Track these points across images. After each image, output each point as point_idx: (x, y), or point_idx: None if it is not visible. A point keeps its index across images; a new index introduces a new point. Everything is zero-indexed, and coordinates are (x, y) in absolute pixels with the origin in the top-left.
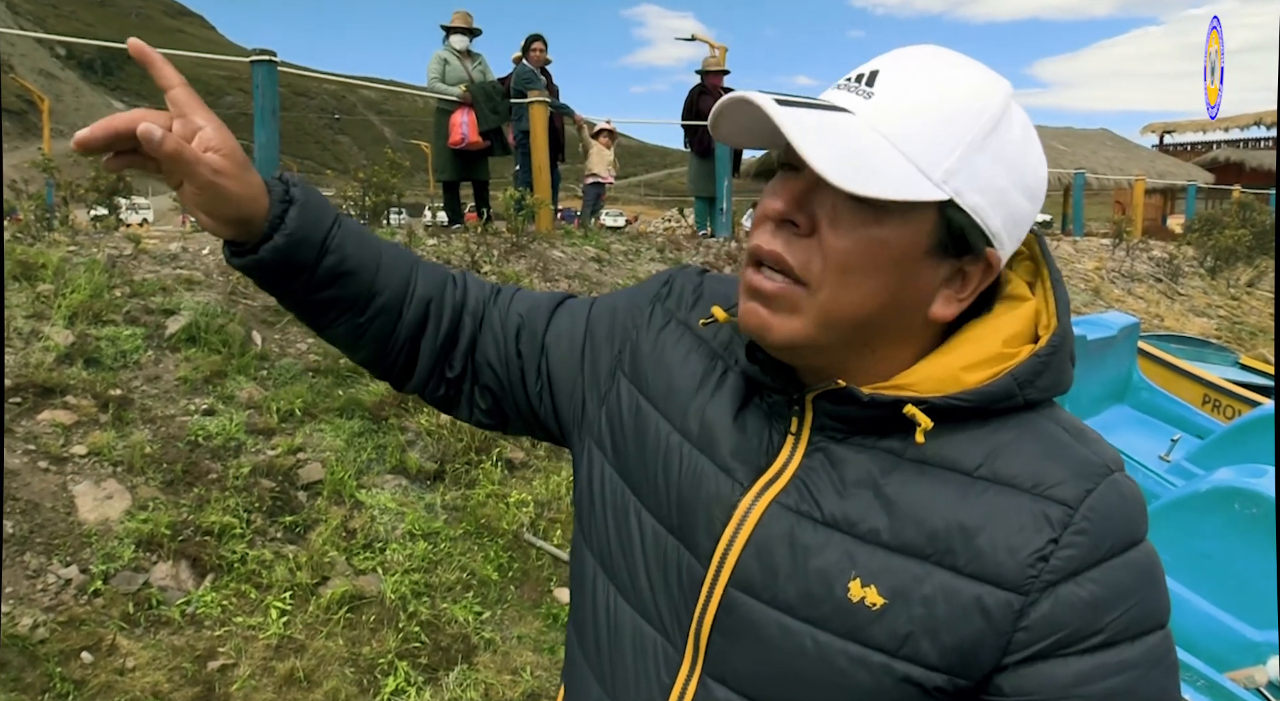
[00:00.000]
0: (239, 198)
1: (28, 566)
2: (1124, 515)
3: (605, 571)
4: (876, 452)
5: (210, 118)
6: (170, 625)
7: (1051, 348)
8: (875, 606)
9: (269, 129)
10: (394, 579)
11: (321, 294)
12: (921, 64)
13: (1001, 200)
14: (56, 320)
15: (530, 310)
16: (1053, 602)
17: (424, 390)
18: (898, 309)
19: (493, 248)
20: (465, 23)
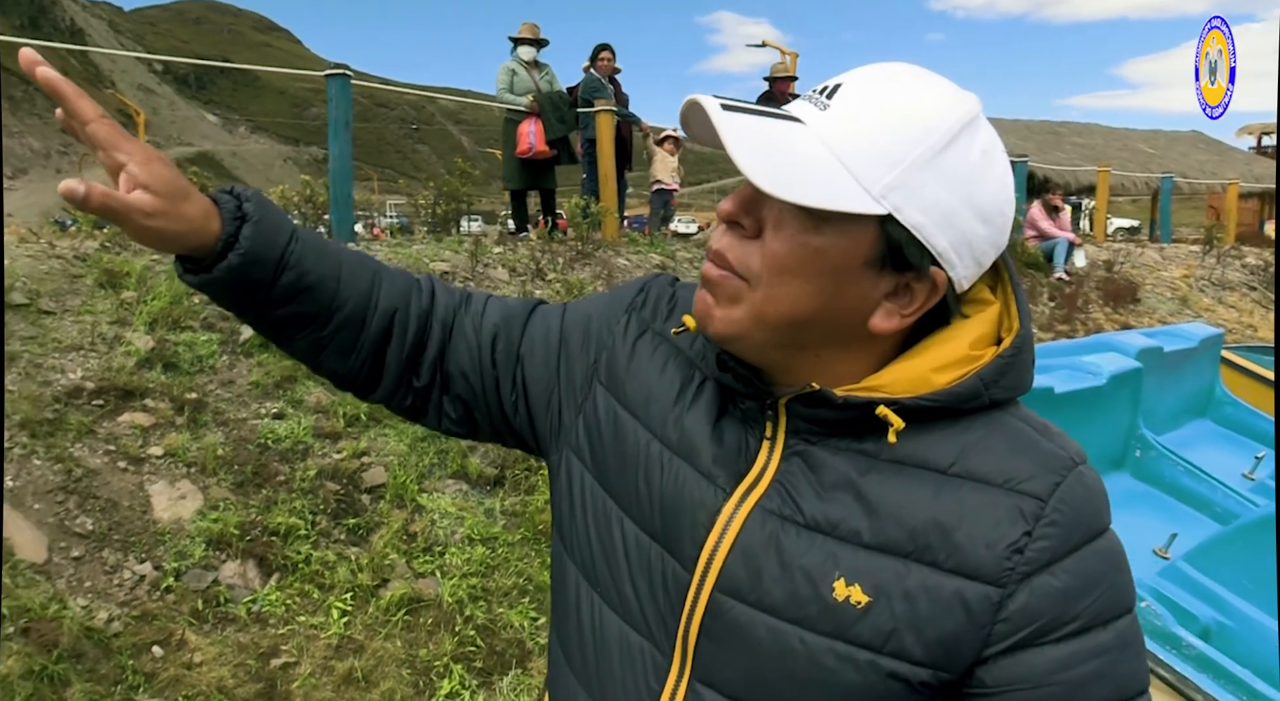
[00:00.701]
0: (177, 233)
1: (105, 562)
2: (1091, 505)
3: (588, 580)
4: (852, 454)
5: (135, 150)
6: (236, 622)
7: (1014, 349)
8: (860, 605)
9: (342, 140)
10: (452, 582)
11: (281, 311)
12: (883, 80)
13: (948, 221)
14: (138, 326)
15: (504, 319)
16: (1029, 593)
17: (390, 401)
18: (832, 316)
19: (558, 255)
20: (532, 34)
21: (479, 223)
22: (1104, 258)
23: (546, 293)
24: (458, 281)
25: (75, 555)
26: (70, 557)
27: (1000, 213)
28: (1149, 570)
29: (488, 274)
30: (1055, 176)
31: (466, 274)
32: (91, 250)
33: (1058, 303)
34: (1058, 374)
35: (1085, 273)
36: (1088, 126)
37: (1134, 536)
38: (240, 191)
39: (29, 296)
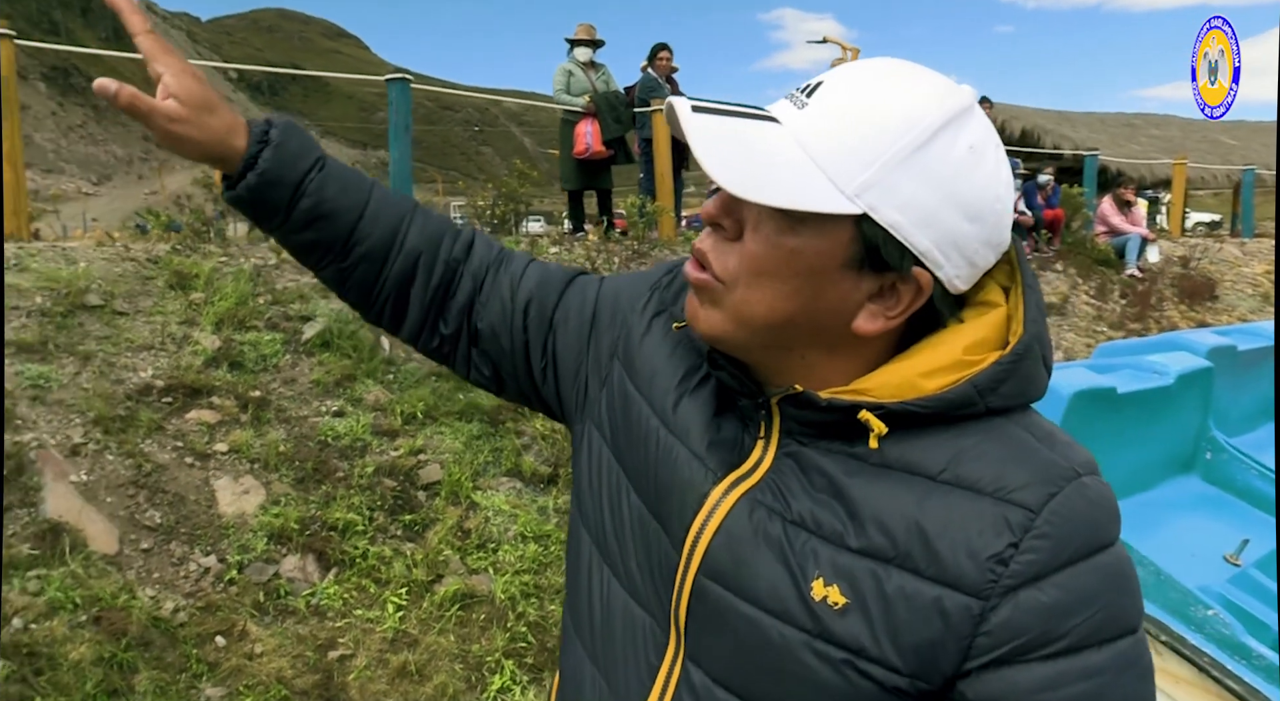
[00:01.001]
0: (199, 143)
1: (173, 554)
2: (1089, 519)
3: (600, 551)
4: (842, 457)
5: (172, 64)
6: (295, 614)
7: (1015, 355)
8: (837, 606)
9: (402, 143)
10: (504, 579)
11: (301, 235)
12: (864, 77)
13: (929, 219)
14: (205, 326)
15: (541, 284)
16: (1013, 608)
17: (417, 341)
18: (812, 318)
19: (614, 255)
20: (588, 35)
21: (541, 223)
22: (1180, 253)
23: None
24: None
25: (144, 547)
26: (140, 549)
27: (991, 210)
28: (1218, 577)
29: None
30: (1129, 170)
31: None
32: (163, 253)
33: (1129, 300)
34: (1121, 373)
35: (1159, 269)
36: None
37: (1203, 542)
38: (273, 120)
39: (104, 298)
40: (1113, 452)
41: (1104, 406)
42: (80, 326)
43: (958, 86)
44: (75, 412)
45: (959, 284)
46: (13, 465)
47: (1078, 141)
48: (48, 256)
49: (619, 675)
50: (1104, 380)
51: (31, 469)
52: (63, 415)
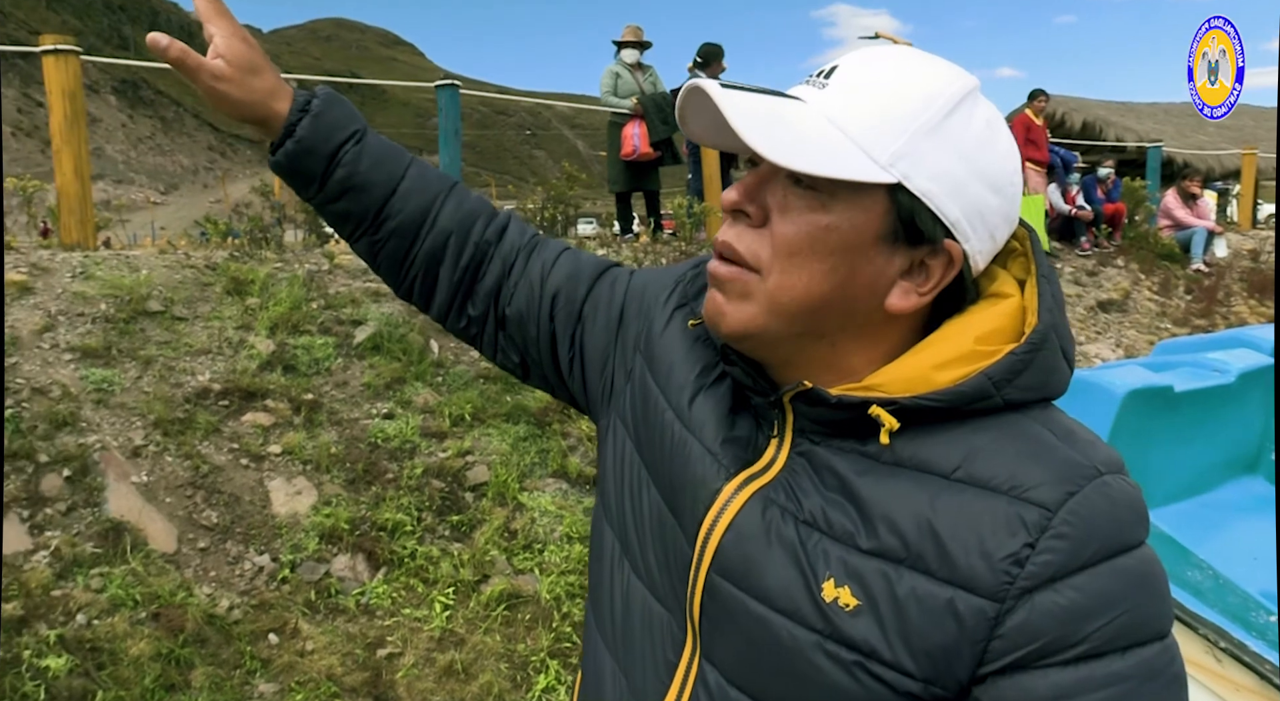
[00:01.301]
0: (240, 102)
1: (229, 554)
2: (1112, 519)
3: (621, 546)
4: (854, 456)
5: (224, 26)
6: (346, 613)
7: (1030, 346)
8: (849, 607)
9: (451, 148)
10: (550, 579)
11: (335, 205)
12: (880, 58)
13: (958, 189)
14: (260, 330)
15: (572, 275)
16: (1029, 610)
17: (445, 320)
18: (848, 297)
19: (662, 256)
20: (636, 37)
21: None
22: (1249, 246)
23: None
24: None
25: (201, 546)
26: (197, 548)
27: (1010, 182)
28: None
29: None
30: (1196, 161)
31: None
32: (221, 259)
33: (1195, 295)
34: (1180, 371)
35: (1227, 263)
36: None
37: (1266, 545)
38: (319, 89)
39: (164, 304)
40: (1170, 453)
41: (1160, 405)
42: (142, 332)
43: (964, 71)
44: (136, 415)
45: (979, 261)
46: (77, 466)
47: (1142, 133)
48: (112, 264)
49: (638, 671)
50: (1161, 378)
51: (95, 470)
52: (125, 418)
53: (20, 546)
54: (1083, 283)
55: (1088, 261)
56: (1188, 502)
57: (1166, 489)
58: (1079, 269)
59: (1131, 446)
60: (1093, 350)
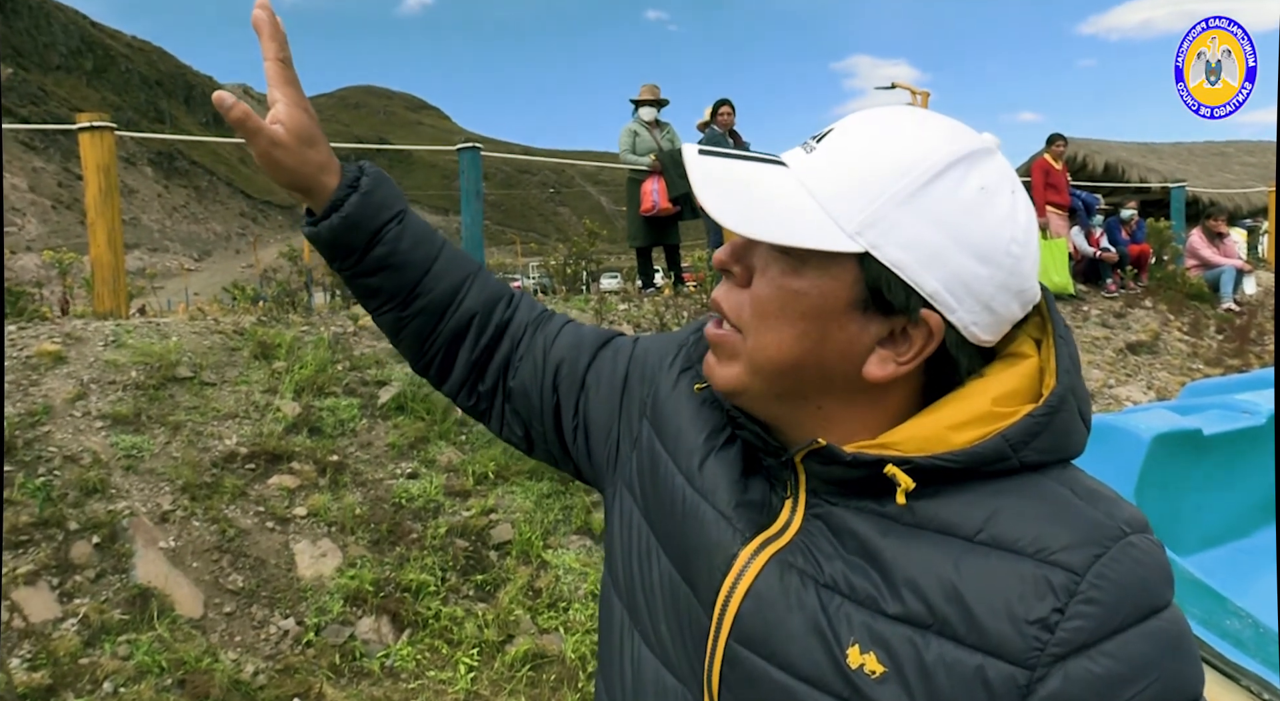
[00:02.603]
0: (292, 170)
1: (254, 617)
2: (1140, 581)
3: (631, 616)
4: (873, 516)
5: (290, 94)
6: (370, 676)
7: (1049, 408)
8: (875, 674)
9: (473, 208)
10: (575, 638)
11: (368, 280)
12: (872, 121)
13: (935, 259)
14: (286, 393)
15: (574, 346)
16: (1063, 679)
17: (456, 396)
18: (821, 362)
19: (683, 309)
20: (653, 95)
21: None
22: None
23: None
24: None
25: (227, 611)
26: (223, 613)
27: (1006, 253)
28: None
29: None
30: (1222, 200)
31: None
32: (249, 324)
33: (1227, 335)
34: (1209, 414)
35: (1259, 301)
36: (1259, 145)
37: None
38: (365, 167)
39: (193, 369)
40: (1200, 498)
41: (1189, 450)
42: (171, 398)
43: (976, 133)
44: (165, 480)
45: (979, 332)
46: (106, 533)
47: (1165, 173)
48: (143, 332)
49: None
50: (1188, 422)
51: (124, 536)
52: (153, 483)
53: (49, 614)
54: (1110, 325)
55: (1115, 303)
56: (1222, 549)
57: (1199, 535)
58: (1106, 311)
59: (1160, 492)
60: (1123, 393)
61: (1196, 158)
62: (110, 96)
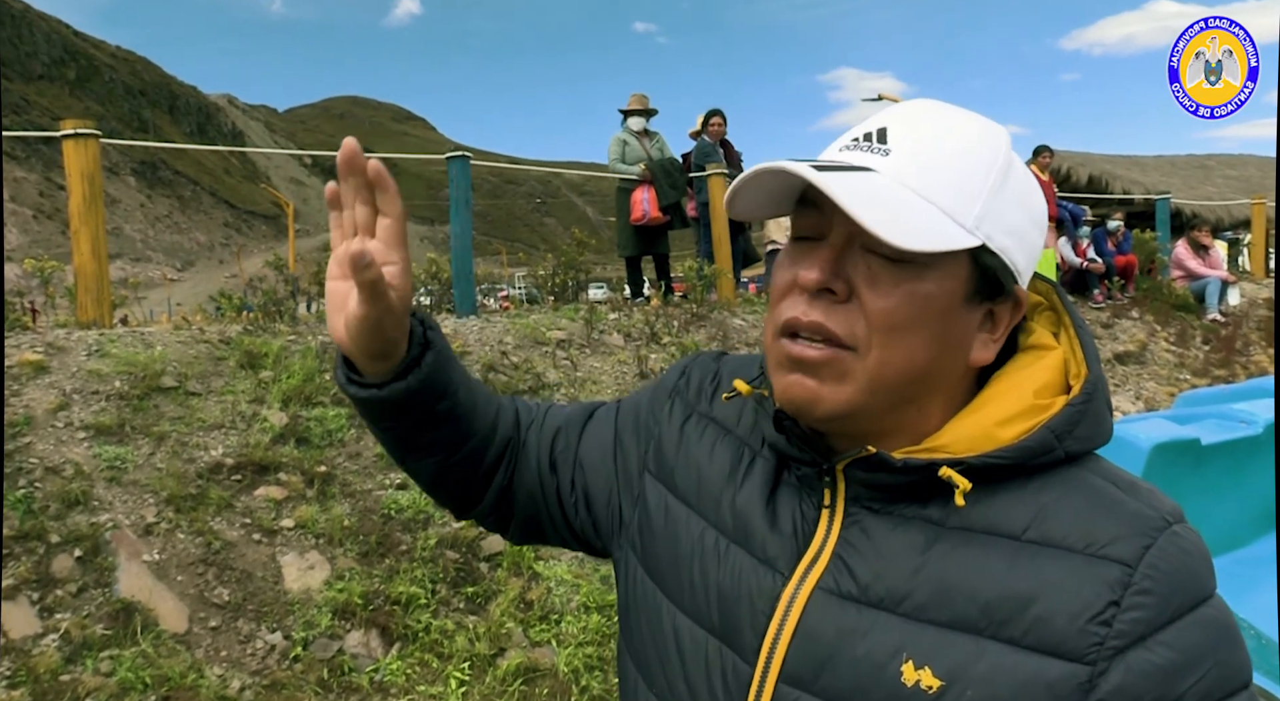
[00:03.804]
0: (392, 339)
1: (240, 632)
2: (1189, 570)
3: (645, 679)
4: (918, 522)
5: (404, 257)
6: (359, 691)
7: (1086, 395)
8: (931, 690)
9: (462, 218)
10: (568, 651)
11: (426, 434)
12: (927, 117)
13: (1023, 239)
14: (273, 403)
15: (561, 427)
16: (1124, 672)
17: (483, 520)
18: (943, 360)
19: (673, 319)
20: (641, 105)
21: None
22: (1265, 295)
23: (662, 356)
24: (574, 348)
25: (213, 625)
26: (208, 627)
27: (1045, 220)
28: None
29: (603, 340)
30: (1204, 212)
31: (582, 341)
32: (235, 334)
33: (1213, 346)
34: (1205, 423)
35: (1243, 312)
36: (1240, 157)
37: None
38: (424, 316)
39: (178, 379)
40: (1199, 508)
41: (1187, 459)
42: (155, 408)
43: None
44: (149, 492)
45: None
46: (89, 546)
47: (1148, 186)
48: (127, 341)
49: None
50: (1186, 431)
51: (107, 549)
52: (137, 495)
53: (29, 630)
54: (1098, 335)
55: (1102, 314)
56: (1221, 559)
57: None
58: (1093, 322)
59: None
60: (1112, 403)
61: (1179, 170)
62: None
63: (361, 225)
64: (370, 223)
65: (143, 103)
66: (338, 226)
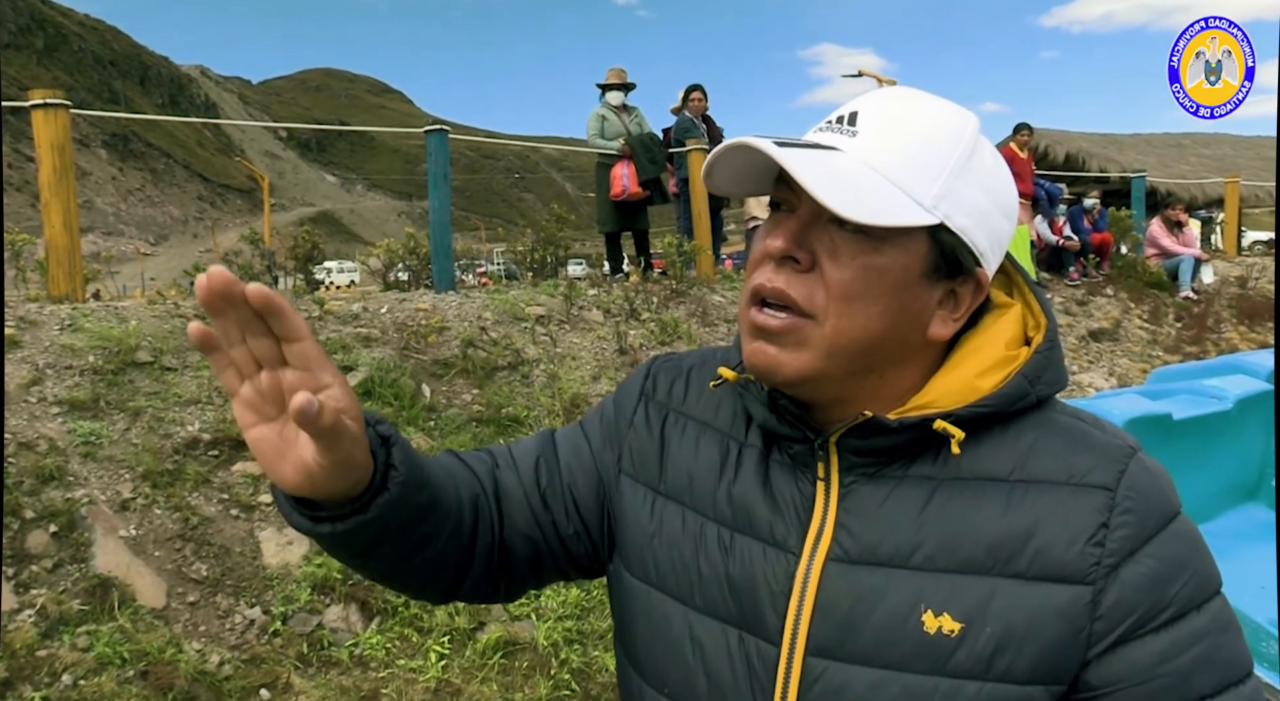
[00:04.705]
0: (363, 466)
1: (219, 607)
2: (1158, 489)
3: (653, 686)
4: (910, 480)
5: (337, 374)
6: (339, 666)
7: (1049, 343)
8: (953, 633)
9: (441, 193)
10: (547, 626)
11: (413, 536)
12: (896, 102)
13: (985, 221)
14: None
15: (541, 458)
16: (1120, 586)
17: (474, 594)
18: (899, 332)
19: (652, 295)
20: (620, 79)
21: (582, 265)
22: (1236, 273)
23: (641, 332)
24: (553, 324)
25: (191, 600)
26: (186, 603)
27: (1014, 208)
28: None
29: (582, 316)
30: (1179, 191)
31: (562, 317)
32: None
33: (1185, 323)
34: (1178, 399)
35: (1215, 290)
36: (1215, 137)
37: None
38: (370, 414)
39: (153, 354)
40: None
41: (1160, 434)
42: (130, 383)
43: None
44: (125, 468)
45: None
46: (64, 521)
47: (1124, 164)
48: (101, 316)
49: None
50: (1159, 406)
51: (83, 525)
52: (113, 471)
53: (5, 606)
54: (1073, 312)
55: (1077, 291)
56: None
57: None
58: (1069, 299)
59: None
60: (1086, 379)
61: (1155, 149)
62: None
63: (264, 358)
64: (275, 352)
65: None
66: (227, 366)
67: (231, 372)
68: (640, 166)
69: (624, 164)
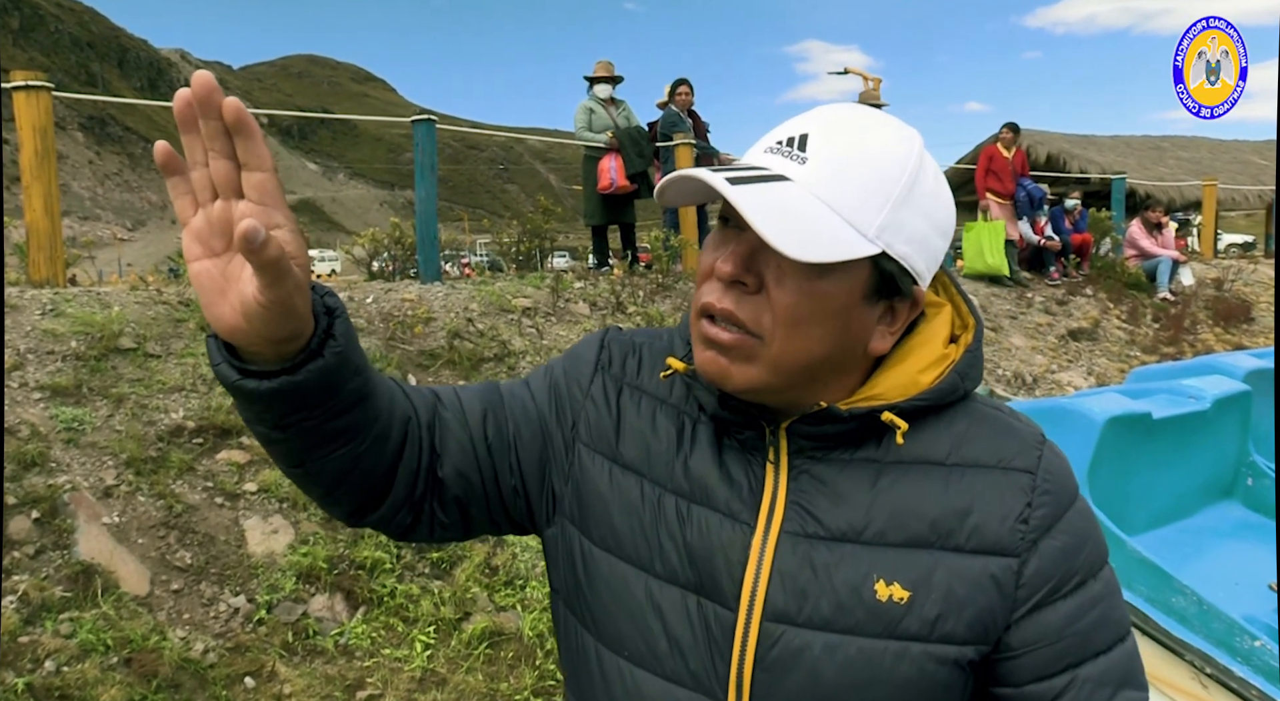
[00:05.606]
0: (302, 316)
1: (203, 595)
2: (1065, 471)
3: (610, 647)
4: (857, 463)
5: (289, 215)
6: (324, 654)
7: (977, 341)
8: (902, 601)
9: (428, 183)
10: (532, 616)
11: (335, 422)
12: (843, 126)
13: (924, 245)
14: None
15: (488, 406)
16: (1039, 558)
17: (388, 522)
18: (842, 349)
19: (638, 288)
20: (607, 72)
21: (566, 258)
22: (1213, 275)
23: (627, 325)
24: (540, 316)
25: (175, 588)
26: (170, 590)
27: (950, 225)
28: (1263, 606)
29: (568, 309)
30: (1157, 193)
31: (548, 309)
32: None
33: (1162, 324)
34: (1156, 398)
35: (1192, 291)
36: (1193, 140)
37: (1247, 570)
38: (315, 285)
39: (136, 341)
40: (1149, 479)
41: (1139, 432)
42: (113, 369)
43: (907, 126)
44: (108, 455)
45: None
46: (46, 507)
47: (1104, 165)
48: (83, 301)
49: None
50: (1138, 405)
51: (65, 511)
52: (96, 457)
53: None
54: (1053, 311)
55: (1057, 291)
56: (1167, 528)
57: (1146, 515)
58: (1049, 298)
59: (1112, 473)
60: (1065, 378)
61: (1134, 150)
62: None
63: (221, 184)
64: (233, 180)
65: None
66: (184, 192)
67: (188, 200)
68: (628, 160)
69: (611, 157)
